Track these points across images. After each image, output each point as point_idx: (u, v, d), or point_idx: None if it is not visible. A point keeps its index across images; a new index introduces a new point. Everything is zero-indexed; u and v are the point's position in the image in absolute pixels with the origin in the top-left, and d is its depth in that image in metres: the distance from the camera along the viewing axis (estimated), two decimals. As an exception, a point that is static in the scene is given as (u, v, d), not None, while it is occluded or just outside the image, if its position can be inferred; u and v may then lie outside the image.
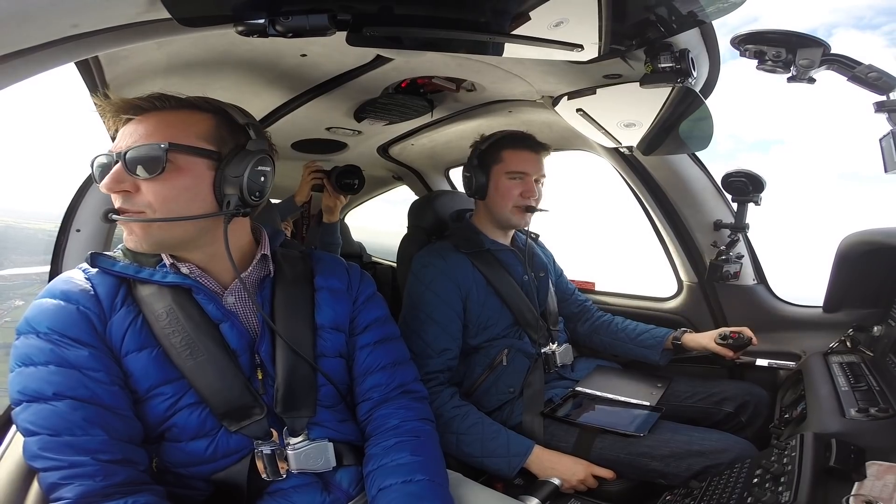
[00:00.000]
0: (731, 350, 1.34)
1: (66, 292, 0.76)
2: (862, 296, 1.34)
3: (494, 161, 1.38)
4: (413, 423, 0.92)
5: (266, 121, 1.42)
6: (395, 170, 2.30)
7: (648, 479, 1.12)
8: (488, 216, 1.43)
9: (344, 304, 0.95)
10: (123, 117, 0.77)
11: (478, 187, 1.40)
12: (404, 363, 1.00)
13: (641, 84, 1.01)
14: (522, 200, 1.37)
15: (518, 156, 1.37)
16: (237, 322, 0.83)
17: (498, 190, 1.38)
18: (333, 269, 0.98)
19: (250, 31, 0.66)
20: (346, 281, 0.97)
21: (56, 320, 0.73)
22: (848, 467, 0.74)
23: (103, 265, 0.80)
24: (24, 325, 0.74)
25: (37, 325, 0.73)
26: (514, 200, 1.37)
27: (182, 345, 0.77)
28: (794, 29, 0.86)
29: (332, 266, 0.98)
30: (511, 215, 1.38)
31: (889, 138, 0.90)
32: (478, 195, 1.42)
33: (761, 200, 1.46)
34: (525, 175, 1.36)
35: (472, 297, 1.33)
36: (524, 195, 1.36)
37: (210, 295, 0.81)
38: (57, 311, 0.74)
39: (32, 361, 0.71)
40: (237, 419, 0.78)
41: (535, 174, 1.38)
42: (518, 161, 1.37)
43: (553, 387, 1.38)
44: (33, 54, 0.57)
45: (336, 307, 0.93)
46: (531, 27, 0.80)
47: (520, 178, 1.36)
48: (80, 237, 1.34)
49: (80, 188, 1.44)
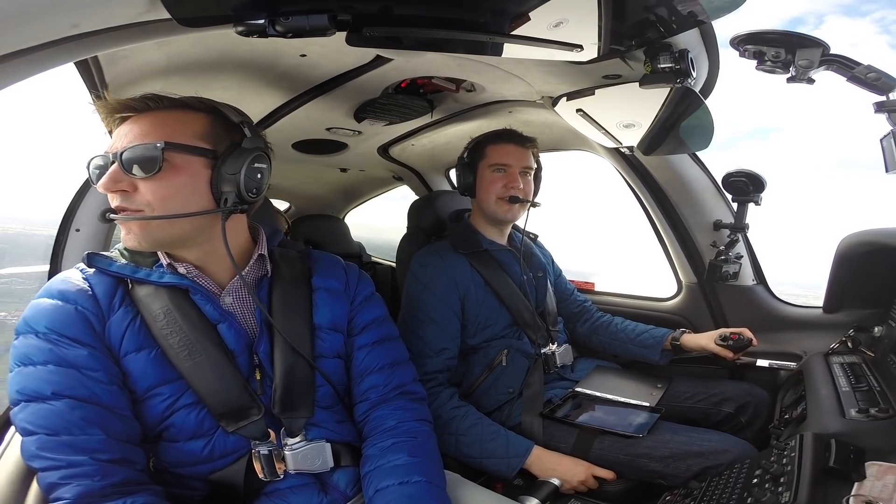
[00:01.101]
0: (731, 351, 1.34)
1: (63, 292, 0.76)
2: (862, 296, 1.34)
3: (480, 157, 1.41)
4: (411, 424, 0.92)
5: (266, 121, 1.42)
6: (395, 170, 2.30)
7: (648, 480, 1.12)
8: (481, 213, 1.44)
9: (342, 305, 0.95)
10: (118, 117, 0.77)
11: (467, 185, 1.43)
12: (403, 364, 1.00)
13: (641, 84, 1.01)
14: (506, 192, 1.38)
15: (500, 149, 1.40)
16: (235, 322, 0.83)
17: (483, 183, 1.40)
18: (331, 270, 0.98)
19: (250, 31, 0.66)
20: (343, 281, 0.97)
21: (54, 320, 0.73)
22: (848, 468, 0.74)
23: (100, 265, 0.80)
24: (23, 325, 0.74)
25: (35, 324, 0.73)
26: (498, 192, 1.38)
27: (180, 345, 0.77)
28: (788, 26, 0.87)
29: (330, 266, 0.98)
30: (496, 207, 1.39)
31: (889, 138, 0.91)
32: (468, 193, 1.45)
33: (761, 200, 1.46)
34: (507, 167, 1.38)
35: (470, 296, 1.34)
36: (507, 186, 1.37)
37: (207, 295, 0.81)
38: (55, 311, 0.74)
39: (31, 361, 0.71)
40: (235, 419, 0.78)
41: (519, 165, 1.39)
42: (500, 154, 1.39)
43: (552, 387, 1.38)
44: (33, 54, 0.57)
45: (334, 308, 0.93)
46: (531, 27, 0.80)
47: (503, 171, 1.38)
48: (79, 237, 1.34)
49: (79, 188, 1.44)
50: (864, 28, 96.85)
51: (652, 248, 1.78)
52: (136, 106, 0.77)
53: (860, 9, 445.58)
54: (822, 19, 41.36)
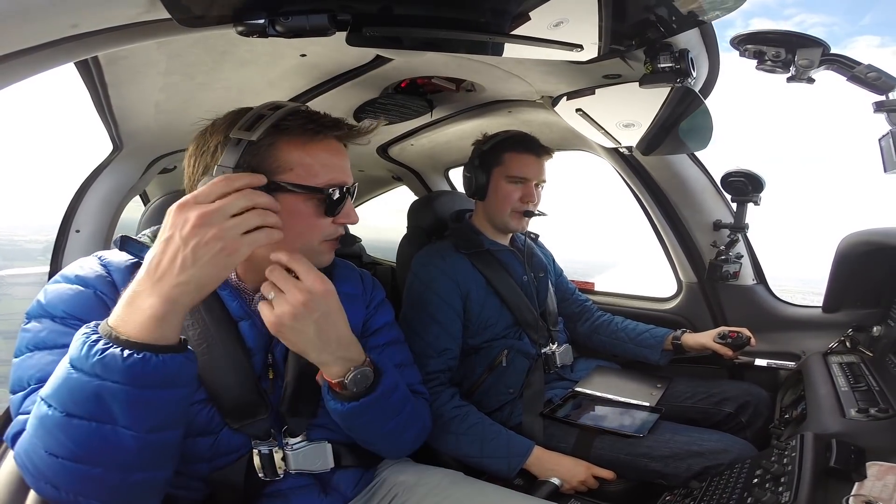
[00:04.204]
0: (731, 349, 1.34)
1: (82, 277, 0.74)
2: (861, 296, 1.35)
3: (496, 163, 1.37)
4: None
5: (266, 121, 1.42)
6: (394, 170, 2.30)
7: (648, 480, 1.12)
8: (487, 218, 1.43)
9: (359, 309, 0.96)
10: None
11: (477, 188, 1.39)
12: (409, 366, 1.02)
13: (641, 84, 1.01)
14: (521, 206, 1.36)
15: (520, 159, 1.36)
16: (258, 321, 0.81)
17: (497, 193, 1.37)
18: (349, 276, 1.00)
19: (250, 31, 0.66)
20: (360, 287, 1.00)
21: (73, 304, 0.71)
22: (848, 467, 0.74)
23: (132, 250, 0.79)
24: (38, 308, 0.71)
25: (52, 308, 0.71)
26: (514, 205, 1.36)
27: (198, 339, 0.77)
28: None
29: (347, 272, 1.01)
30: (509, 220, 1.38)
31: (888, 138, 0.91)
32: (477, 196, 1.42)
33: (761, 200, 1.47)
34: (526, 180, 1.36)
35: (471, 297, 1.33)
36: (523, 200, 1.36)
37: (235, 292, 0.82)
38: (74, 296, 0.72)
39: (46, 345, 0.69)
40: (240, 417, 0.78)
41: (536, 179, 1.37)
42: (519, 165, 1.35)
43: (553, 387, 1.38)
44: (33, 54, 0.57)
45: (351, 312, 0.93)
46: (531, 27, 0.80)
47: (520, 183, 1.36)
48: (79, 237, 1.34)
49: (79, 189, 1.44)
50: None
51: (651, 248, 1.78)
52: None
53: (782, 12, 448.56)
54: (749, 23, 41.25)
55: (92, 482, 0.59)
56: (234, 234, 0.62)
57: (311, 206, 0.77)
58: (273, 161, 0.74)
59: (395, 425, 0.86)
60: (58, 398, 0.58)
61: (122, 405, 0.57)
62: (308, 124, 0.76)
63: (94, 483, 0.59)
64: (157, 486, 0.65)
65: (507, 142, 1.37)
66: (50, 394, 0.58)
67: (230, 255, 0.61)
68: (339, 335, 0.74)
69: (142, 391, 0.58)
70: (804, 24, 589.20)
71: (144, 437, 0.59)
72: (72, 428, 0.57)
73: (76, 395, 0.57)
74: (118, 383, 0.56)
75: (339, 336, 0.74)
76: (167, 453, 0.64)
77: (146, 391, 0.58)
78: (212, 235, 0.60)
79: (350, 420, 0.80)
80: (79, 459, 0.58)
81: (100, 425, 0.57)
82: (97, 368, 0.56)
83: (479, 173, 1.38)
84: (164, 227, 0.62)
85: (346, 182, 0.81)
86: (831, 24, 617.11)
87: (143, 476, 0.61)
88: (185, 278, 0.59)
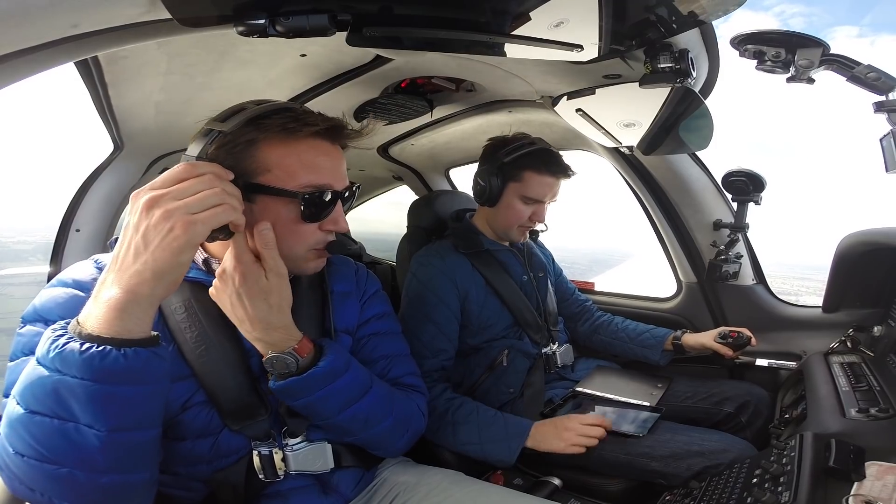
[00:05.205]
0: (731, 349, 1.34)
1: (78, 281, 0.73)
2: (862, 296, 1.35)
3: (513, 178, 1.32)
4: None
5: (266, 121, 1.42)
6: (395, 170, 2.30)
7: (648, 480, 1.12)
8: (489, 224, 1.43)
9: (353, 307, 0.96)
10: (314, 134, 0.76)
11: (489, 197, 1.35)
12: (401, 357, 0.99)
13: (641, 84, 1.01)
14: (529, 223, 1.36)
15: (539, 181, 1.31)
16: None
17: (508, 209, 1.35)
18: (344, 272, 0.99)
19: (250, 31, 0.66)
20: (353, 283, 0.99)
21: (68, 309, 0.69)
22: (847, 467, 0.74)
23: None
24: (32, 313, 0.70)
25: (46, 313, 0.70)
26: (522, 223, 1.36)
27: (196, 340, 0.76)
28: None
29: (342, 269, 1.00)
30: (514, 233, 1.38)
31: (889, 138, 0.91)
32: (487, 204, 1.38)
33: (761, 200, 1.47)
34: (540, 203, 1.34)
35: (470, 297, 1.33)
36: (532, 219, 1.35)
37: None
38: (69, 300, 0.71)
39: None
40: (240, 418, 0.78)
41: (550, 200, 1.36)
42: (538, 186, 1.31)
43: (553, 387, 1.38)
44: (33, 54, 0.57)
45: (346, 310, 0.94)
46: (531, 27, 0.80)
47: (533, 204, 1.34)
48: (79, 237, 1.34)
49: (79, 189, 1.44)
50: (766, 21, 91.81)
51: (652, 248, 1.78)
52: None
53: (763, 3, 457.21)
54: (729, 15, 40.78)
55: (60, 483, 0.56)
56: (183, 214, 0.58)
57: (291, 210, 0.74)
58: (252, 161, 0.71)
59: (357, 413, 0.82)
60: (22, 395, 0.56)
61: (79, 401, 0.55)
62: (290, 122, 0.71)
63: (63, 484, 0.56)
64: (136, 491, 0.61)
65: (529, 157, 1.31)
66: (18, 391, 0.57)
67: (180, 236, 0.58)
68: (261, 317, 0.72)
69: (101, 386, 0.55)
70: (784, 14, 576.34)
71: (109, 437, 0.56)
72: (34, 425, 0.55)
73: (37, 390, 0.55)
74: (76, 378, 0.54)
75: (258, 317, 0.72)
76: (140, 455, 0.61)
77: (105, 386, 0.55)
78: (159, 216, 0.58)
79: (287, 399, 0.78)
80: (44, 459, 0.56)
81: (62, 423, 0.55)
82: (56, 362, 0.54)
83: (494, 183, 1.33)
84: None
85: (330, 185, 0.76)
86: (810, 14, 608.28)
87: (115, 479, 0.58)
88: (139, 266, 0.57)
